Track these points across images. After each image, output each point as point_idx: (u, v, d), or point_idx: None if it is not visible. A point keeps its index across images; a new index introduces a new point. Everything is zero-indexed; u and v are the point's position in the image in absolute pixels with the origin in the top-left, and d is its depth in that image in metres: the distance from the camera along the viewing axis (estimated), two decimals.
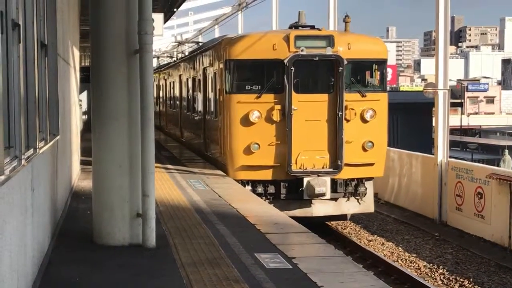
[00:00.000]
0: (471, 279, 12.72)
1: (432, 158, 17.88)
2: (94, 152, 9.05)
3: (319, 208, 15.35)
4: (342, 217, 16.79)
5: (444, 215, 17.13)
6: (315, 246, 9.12)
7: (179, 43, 33.22)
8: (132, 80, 8.67)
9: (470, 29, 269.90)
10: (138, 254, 8.37)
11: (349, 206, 15.77)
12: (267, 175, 15.19)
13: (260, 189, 15.23)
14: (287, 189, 15.17)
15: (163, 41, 44.35)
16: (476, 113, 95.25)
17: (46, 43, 9.19)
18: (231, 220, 10.59)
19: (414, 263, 13.94)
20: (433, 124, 20.92)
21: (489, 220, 15.22)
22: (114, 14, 8.69)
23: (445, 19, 17.46)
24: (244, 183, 15.23)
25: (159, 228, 9.30)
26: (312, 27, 15.94)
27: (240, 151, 15.21)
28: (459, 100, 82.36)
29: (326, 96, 15.22)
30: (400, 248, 15.24)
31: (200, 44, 25.48)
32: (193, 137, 21.45)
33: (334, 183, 15.22)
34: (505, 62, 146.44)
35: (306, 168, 15.07)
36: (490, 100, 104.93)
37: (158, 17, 20.06)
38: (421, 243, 15.61)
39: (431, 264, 13.80)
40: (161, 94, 31.95)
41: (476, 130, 79.38)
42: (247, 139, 15.13)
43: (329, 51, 14.99)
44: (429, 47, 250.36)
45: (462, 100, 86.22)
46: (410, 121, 30.12)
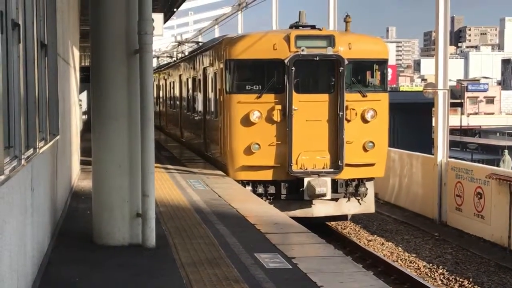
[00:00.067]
0: (470, 279, 12.72)
1: (432, 159, 17.88)
2: (94, 152, 9.05)
3: (319, 209, 15.34)
4: (343, 218, 16.79)
5: (444, 215, 17.13)
6: (315, 246, 9.12)
7: (179, 43, 33.18)
8: (132, 80, 8.67)
9: (470, 29, 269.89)
10: (138, 254, 8.37)
11: (349, 207, 15.74)
12: (267, 175, 15.17)
13: (260, 189, 15.21)
14: (288, 190, 15.14)
15: (163, 41, 44.33)
16: (476, 113, 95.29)
17: (46, 43, 9.19)
18: (231, 220, 10.59)
19: (414, 263, 13.94)
20: (433, 124, 20.92)
21: (488, 220, 15.22)
22: (114, 14, 8.69)
23: (445, 19, 17.46)
24: (244, 183, 15.19)
25: (159, 228, 9.30)
26: (313, 27, 15.92)
27: (240, 151, 15.19)
28: (459, 100, 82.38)
29: (327, 96, 15.20)
30: (399, 248, 15.23)
31: (200, 44, 25.46)
32: (193, 137, 21.43)
33: (334, 184, 15.19)
34: (505, 62, 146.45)
35: (306, 169, 15.05)
36: (490, 100, 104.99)
37: (158, 17, 20.06)
38: (420, 243, 15.60)
39: (430, 264, 13.80)
40: (161, 94, 31.92)
41: (476, 130, 79.41)
42: (248, 139, 15.10)
43: (329, 51, 14.96)
44: (429, 47, 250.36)
45: (462, 100, 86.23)
46: (409, 121, 30.09)
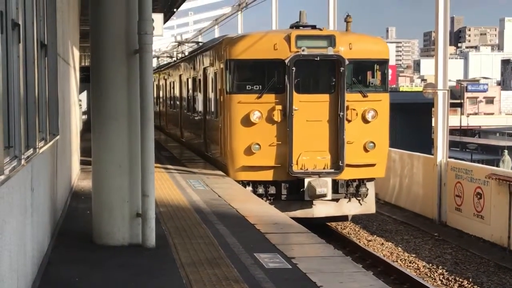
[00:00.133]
0: (470, 279, 12.72)
1: (433, 159, 17.87)
2: (94, 152, 9.05)
3: (320, 209, 15.30)
4: (343, 218, 16.76)
5: (443, 215, 17.12)
6: (314, 246, 9.12)
7: (179, 43, 33.18)
8: (132, 80, 8.67)
9: (469, 30, 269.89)
10: (138, 254, 8.37)
11: (350, 207, 15.70)
12: (268, 175, 15.14)
13: (261, 189, 15.18)
14: (288, 190, 15.10)
15: (163, 41, 44.33)
16: (476, 113, 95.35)
17: (46, 43, 9.19)
18: (230, 220, 10.59)
19: (414, 263, 13.94)
20: (433, 124, 20.91)
21: (488, 221, 15.22)
22: (114, 14, 8.69)
23: (444, 20, 17.45)
24: (245, 183, 15.17)
25: (159, 228, 9.30)
26: (313, 27, 15.89)
27: (240, 151, 15.16)
28: (458, 101, 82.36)
29: (328, 96, 15.17)
30: (399, 248, 15.23)
31: (200, 44, 25.46)
32: (194, 137, 21.42)
33: (335, 184, 15.16)
34: (505, 62, 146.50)
35: (307, 169, 15.01)
36: (490, 100, 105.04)
37: (158, 17, 20.07)
38: (420, 243, 15.60)
39: (430, 264, 13.80)
40: (161, 94, 31.92)
41: (475, 130, 79.46)
42: (248, 139, 15.07)
43: (330, 51, 14.93)
44: (428, 47, 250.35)
45: (462, 101, 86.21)
46: (409, 121, 30.08)
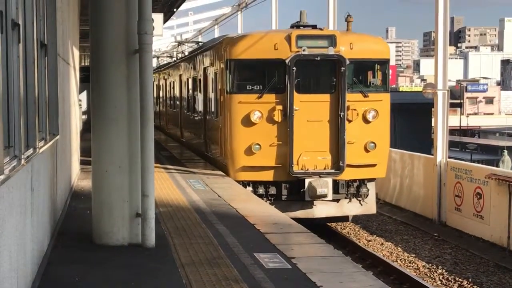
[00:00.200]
0: (470, 279, 12.72)
1: (433, 159, 17.85)
2: (94, 152, 9.05)
3: (320, 210, 15.27)
4: (344, 219, 16.73)
5: (443, 216, 17.12)
6: (314, 246, 9.12)
7: (179, 43, 33.18)
8: (131, 80, 8.67)
9: (469, 30, 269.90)
10: (138, 254, 8.37)
11: (351, 208, 15.65)
12: (268, 176, 15.10)
13: (261, 190, 15.15)
14: (289, 190, 15.06)
15: (163, 41, 44.33)
16: (476, 113, 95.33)
17: (46, 43, 9.19)
18: (230, 220, 10.59)
19: (413, 263, 13.95)
20: (432, 124, 20.90)
21: (488, 221, 15.22)
22: (114, 14, 8.69)
23: (444, 20, 17.44)
24: (245, 184, 15.14)
25: (159, 228, 9.31)
26: (314, 26, 15.86)
27: (241, 151, 15.13)
28: (458, 101, 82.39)
29: (328, 96, 15.14)
30: (399, 248, 15.23)
31: (200, 44, 25.45)
32: (194, 137, 21.41)
33: (336, 184, 15.12)
34: (504, 62, 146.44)
35: (307, 169, 14.98)
36: (489, 100, 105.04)
37: (158, 17, 20.06)
38: (420, 243, 15.61)
39: (430, 264, 13.80)
40: (161, 94, 31.91)
41: (475, 130, 79.45)
42: (248, 139, 15.04)
43: (331, 51, 14.90)
44: (428, 47, 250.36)
45: (462, 101, 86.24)
46: (409, 121, 30.10)
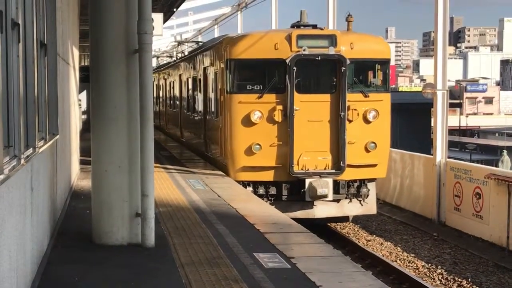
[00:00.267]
0: (469, 279, 12.73)
1: (433, 159, 17.84)
2: (93, 151, 9.05)
3: (321, 210, 15.24)
4: (344, 219, 16.71)
5: (442, 215, 17.13)
6: (314, 246, 9.12)
7: (178, 43, 33.19)
8: (131, 80, 8.67)
9: (469, 30, 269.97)
10: (137, 253, 8.37)
11: (351, 208, 15.61)
12: (268, 176, 15.07)
13: (261, 190, 15.13)
14: (289, 191, 15.02)
15: (163, 41, 44.34)
16: (475, 113, 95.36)
17: (45, 42, 9.19)
18: (230, 220, 10.59)
19: (413, 263, 13.95)
20: (432, 124, 20.89)
21: (487, 220, 15.23)
22: (114, 14, 8.69)
23: (444, 20, 17.44)
24: (245, 184, 15.12)
25: (158, 227, 9.31)
26: (314, 26, 15.83)
27: (241, 151, 15.10)
28: (457, 101, 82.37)
29: (329, 96, 15.10)
30: (398, 248, 15.24)
31: (200, 43, 25.44)
32: (194, 137, 21.39)
33: (336, 185, 15.09)
34: (504, 62, 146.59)
35: (308, 169, 14.95)
36: (489, 100, 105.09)
37: (157, 17, 20.05)
38: (419, 243, 15.61)
39: (429, 264, 13.81)
40: (161, 94, 31.90)
41: (474, 130, 79.47)
42: (249, 139, 15.01)
43: (331, 51, 14.86)
44: (428, 47, 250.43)
45: (461, 101, 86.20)
46: (408, 121, 30.09)
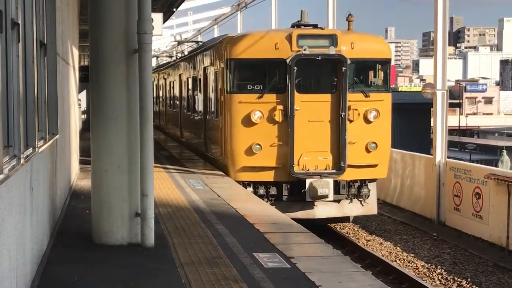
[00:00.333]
0: (469, 279, 12.73)
1: (433, 159, 17.83)
2: (93, 151, 9.05)
3: (321, 210, 15.21)
4: (345, 219, 16.69)
5: (442, 215, 17.13)
6: (313, 246, 9.13)
7: (178, 43, 33.20)
8: (131, 80, 8.67)
9: (468, 30, 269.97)
10: (137, 253, 8.38)
11: (352, 208, 15.58)
12: (269, 176, 15.04)
13: (262, 190, 15.11)
14: (289, 191, 15.00)
15: (162, 40, 44.34)
16: (475, 113, 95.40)
17: (45, 42, 9.19)
18: (230, 219, 10.59)
19: (412, 263, 13.95)
20: (431, 124, 20.89)
21: (487, 220, 15.23)
22: (113, 14, 8.69)
23: (444, 20, 17.43)
24: (245, 184, 15.10)
25: (158, 227, 9.31)
26: (315, 26, 15.80)
27: (241, 152, 15.07)
28: (457, 101, 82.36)
29: (329, 96, 15.07)
30: (398, 248, 15.24)
31: (200, 43, 25.43)
32: (194, 137, 21.38)
33: (337, 185, 15.07)
34: (504, 62, 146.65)
35: (308, 170, 14.92)
36: (489, 100, 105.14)
37: (157, 17, 20.04)
38: (419, 243, 15.61)
39: (429, 264, 13.81)
40: (160, 94, 31.88)
41: (474, 130, 79.49)
42: (249, 139, 14.98)
43: (332, 51, 14.84)
44: (427, 47, 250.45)
45: (461, 101, 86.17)
46: (408, 121, 30.08)
